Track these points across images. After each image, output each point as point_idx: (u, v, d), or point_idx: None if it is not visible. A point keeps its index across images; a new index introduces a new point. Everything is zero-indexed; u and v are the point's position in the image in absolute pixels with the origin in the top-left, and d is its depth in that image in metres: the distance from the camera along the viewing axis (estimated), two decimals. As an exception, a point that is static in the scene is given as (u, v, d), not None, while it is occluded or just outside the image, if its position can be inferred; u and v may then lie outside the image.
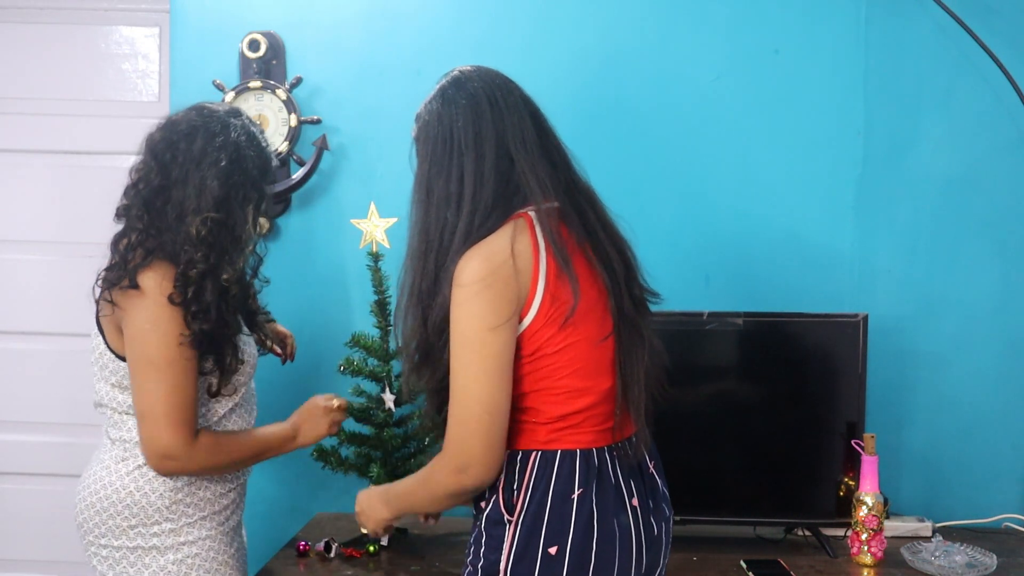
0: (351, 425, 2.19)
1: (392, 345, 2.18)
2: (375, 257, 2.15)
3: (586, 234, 1.50)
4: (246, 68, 2.43)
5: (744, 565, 2.08)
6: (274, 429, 1.84)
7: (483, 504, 1.51)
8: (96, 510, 1.71)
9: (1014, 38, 2.35)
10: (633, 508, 1.50)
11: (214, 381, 1.71)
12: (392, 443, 2.16)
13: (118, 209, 1.72)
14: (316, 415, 1.89)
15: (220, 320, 1.68)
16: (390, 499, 1.64)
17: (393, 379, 2.17)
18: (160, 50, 2.65)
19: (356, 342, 2.18)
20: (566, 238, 1.48)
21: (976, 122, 2.37)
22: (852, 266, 2.40)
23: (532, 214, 1.47)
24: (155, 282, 1.63)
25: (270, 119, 2.41)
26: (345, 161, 2.47)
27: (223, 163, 1.66)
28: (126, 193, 1.72)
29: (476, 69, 1.56)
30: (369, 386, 2.20)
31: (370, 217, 2.13)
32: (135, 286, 1.62)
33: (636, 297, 1.56)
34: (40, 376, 2.67)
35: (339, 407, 1.91)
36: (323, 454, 2.18)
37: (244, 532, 1.94)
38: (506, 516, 1.47)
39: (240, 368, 1.74)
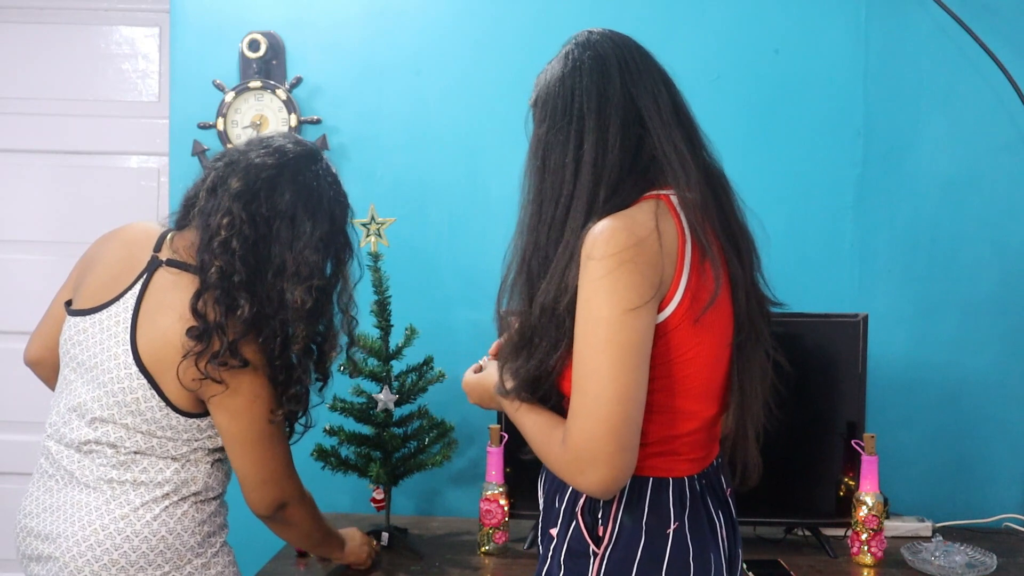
0: (351, 425, 2.19)
1: (392, 345, 2.18)
2: (375, 257, 2.15)
3: (720, 225, 1.34)
4: (246, 68, 2.43)
5: (744, 565, 2.08)
6: (335, 532, 1.91)
7: (553, 532, 1.35)
8: (120, 567, 1.50)
9: (1014, 38, 2.35)
10: (722, 540, 1.37)
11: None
12: (392, 443, 2.16)
13: (209, 267, 1.48)
14: (361, 545, 1.99)
15: (306, 408, 1.65)
16: (503, 407, 1.42)
17: (393, 379, 2.17)
18: (160, 50, 2.65)
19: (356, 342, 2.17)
20: (707, 230, 1.30)
21: (976, 122, 2.37)
22: (852, 266, 2.40)
23: (673, 198, 1.30)
24: (257, 355, 1.51)
25: (270, 119, 2.41)
26: (345, 161, 2.47)
27: (322, 222, 1.53)
28: (212, 250, 1.49)
29: (607, 31, 1.39)
30: (369, 386, 2.20)
31: (370, 217, 2.13)
32: (245, 364, 1.49)
33: (760, 299, 1.41)
34: (40, 376, 2.67)
35: (376, 546, 2.08)
36: (323, 454, 2.18)
37: None
38: (592, 548, 1.30)
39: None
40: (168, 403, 1.52)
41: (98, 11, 2.66)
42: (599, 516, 1.31)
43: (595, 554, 1.30)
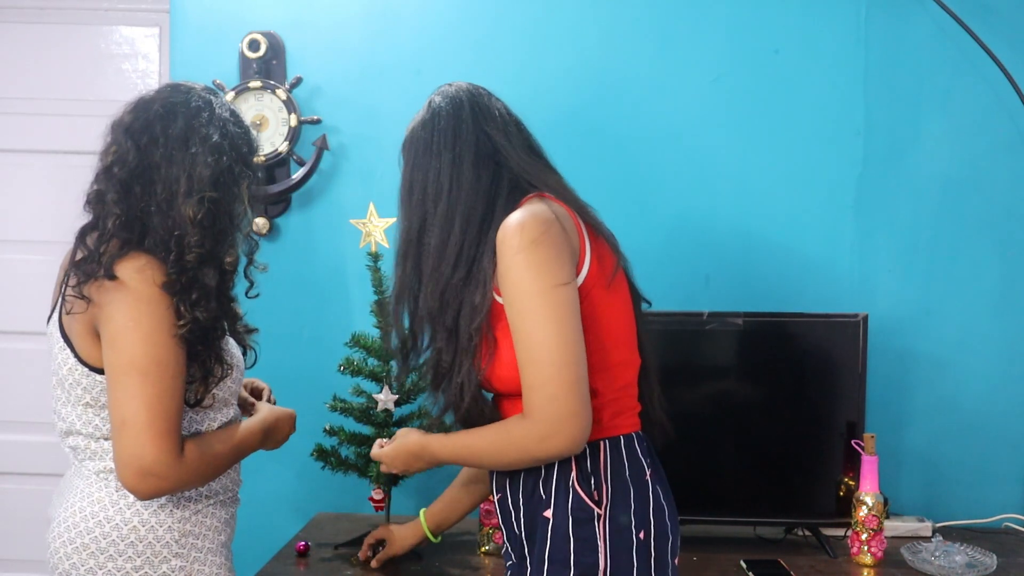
0: (351, 425, 2.19)
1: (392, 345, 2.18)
2: (375, 257, 2.15)
3: (592, 221, 1.52)
4: (246, 68, 2.43)
5: (744, 565, 2.08)
6: (251, 430, 1.64)
7: (547, 514, 1.44)
8: (90, 552, 1.48)
9: (1014, 38, 2.35)
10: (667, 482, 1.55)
11: (198, 389, 1.51)
12: (392, 443, 2.16)
13: (89, 195, 1.54)
14: (285, 424, 1.75)
15: (218, 311, 1.52)
16: (437, 453, 1.53)
17: (393, 379, 2.17)
18: (160, 50, 2.65)
19: (356, 342, 2.17)
20: (587, 215, 1.51)
21: (976, 122, 2.37)
22: (852, 266, 2.40)
23: (549, 193, 1.48)
24: (135, 273, 1.44)
25: (270, 119, 2.41)
26: (345, 161, 2.47)
27: (214, 140, 1.52)
28: (97, 179, 1.54)
29: (465, 83, 1.58)
30: (369, 386, 2.20)
31: (369, 217, 2.13)
32: (112, 277, 1.43)
33: (637, 293, 1.60)
34: (40, 376, 2.65)
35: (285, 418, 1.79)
36: (323, 454, 2.18)
37: None
38: (596, 510, 1.42)
39: (229, 376, 1.57)
40: (78, 358, 1.49)
41: (98, 11, 2.66)
42: (592, 482, 1.43)
43: (599, 516, 1.42)
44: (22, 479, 2.72)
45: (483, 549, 2.17)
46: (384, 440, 1.71)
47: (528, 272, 1.36)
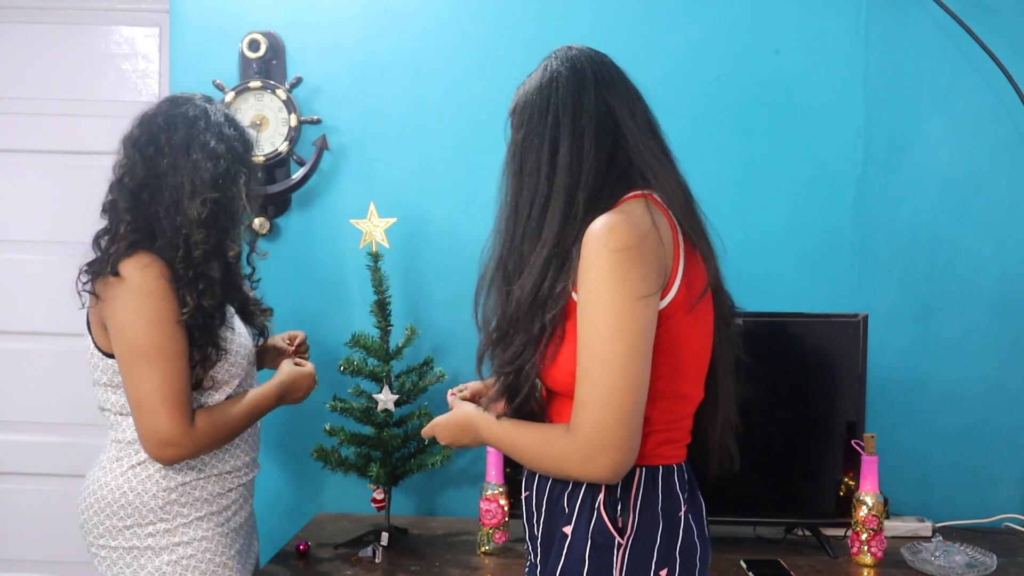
0: (351, 425, 2.19)
1: (392, 345, 2.18)
2: (375, 257, 2.15)
3: (692, 232, 1.40)
4: (246, 68, 2.43)
5: (744, 565, 2.08)
6: (265, 393, 1.81)
7: (567, 529, 1.37)
8: (95, 510, 1.72)
9: (1014, 38, 2.35)
10: (706, 519, 1.47)
11: (197, 372, 1.69)
12: (392, 443, 2.16)
13: (104, 204, 1.73)
14: (302, 381, 1.90)
15: (222, 299, 1.72)
16: (481, 433, 1.47)
17: (392, 379, 2.17)
18: (160, 50, 2.65)
19: (356, 342, 2.18)
20: (692, 225, 1.40)
21: (976, 122, 2.37)
22: (852, 266, 2.40)
23: (657, 195, 1.37)
24: (137, 270, 1.63)
25: (270, 119, 2.41)
26: (345, 161, 2.47)
27: (211, 145, 1.69)
28: (111, 189, 1.73)
29: (585, 47, 1.45)
30: (369, 386, 2.20)
31: (370, 217, 2.14)
32: (115, 274, 1.63)
33: (728, 297, 1.50)
34: (40, 376, 2.67)
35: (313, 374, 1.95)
36: (323, 454, 2.18)
37: (256, 533, 1.93)
38: (618, 539, 1.34)
39: (224, 359, 1.73)
40: (95, 345, 1.71)
41: (98, 11, 2.66)
42: (618, 509, 1.36)
43: (619, 545, 1.34)
44: (22, 479, 2.72)
45: (483, 549, 2.17)
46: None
47: (609, 282, 1.26)
